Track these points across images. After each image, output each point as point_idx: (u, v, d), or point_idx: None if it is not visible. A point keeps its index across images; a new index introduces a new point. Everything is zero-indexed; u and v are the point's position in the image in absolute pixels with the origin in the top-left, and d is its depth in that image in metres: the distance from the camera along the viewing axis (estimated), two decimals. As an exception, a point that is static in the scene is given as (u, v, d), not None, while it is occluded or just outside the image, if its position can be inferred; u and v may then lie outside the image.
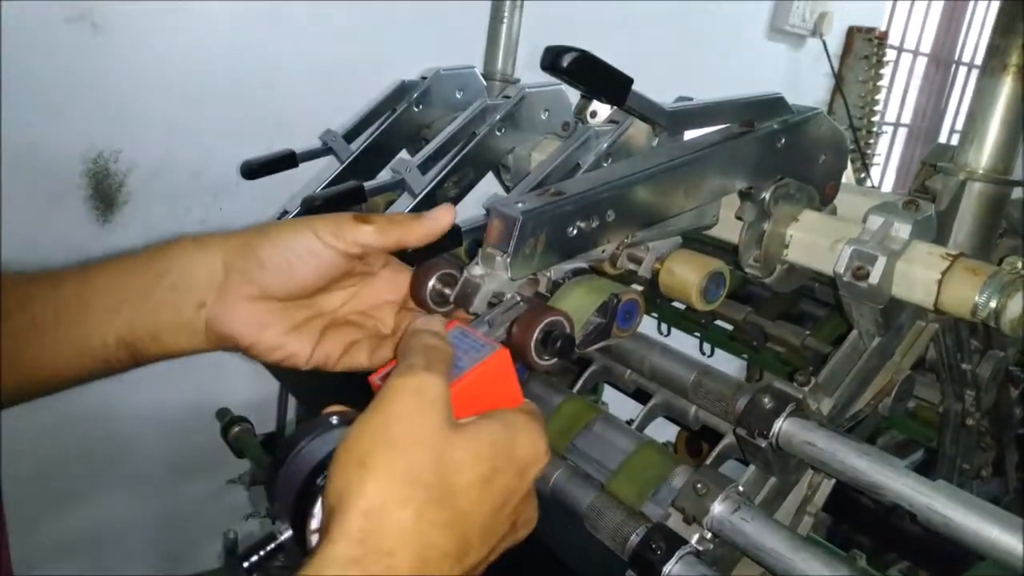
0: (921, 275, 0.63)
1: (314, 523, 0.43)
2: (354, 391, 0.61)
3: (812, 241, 0.73)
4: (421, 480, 0.41)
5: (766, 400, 0.64)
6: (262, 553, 0.45)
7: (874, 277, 0.64)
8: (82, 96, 1.32)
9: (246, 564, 0.45)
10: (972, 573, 0.81)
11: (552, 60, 0.58)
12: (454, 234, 0.75)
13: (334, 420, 0.48)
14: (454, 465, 0.42)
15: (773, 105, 0.72)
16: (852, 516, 1.13)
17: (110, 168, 1.39)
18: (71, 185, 1.38)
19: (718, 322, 1.24)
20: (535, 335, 0.53)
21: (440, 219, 0.58)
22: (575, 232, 0.59)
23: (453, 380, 0.46)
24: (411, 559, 0.39)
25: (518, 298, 0.57)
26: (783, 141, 0.70)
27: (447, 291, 0.58)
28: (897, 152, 3.48)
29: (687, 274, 0.68)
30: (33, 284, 0.55)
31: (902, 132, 3.46)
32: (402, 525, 0.40)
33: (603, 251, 0.64)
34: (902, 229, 0.65)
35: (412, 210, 0.90)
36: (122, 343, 0.55)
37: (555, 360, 0.54)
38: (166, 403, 1.59)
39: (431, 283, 0.59)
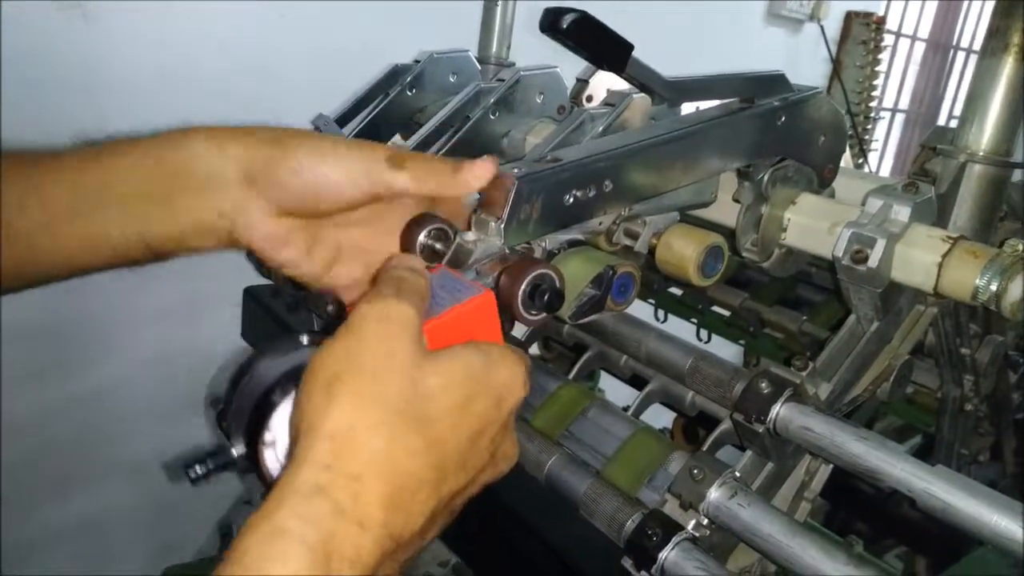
0: (921, 258, 0.62)
1: (268, 436, 0.41)
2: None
3: (810, 224, 0.72)
4: (392, 405, 0.39)
5: (763, 385, 0.64)
6: (210, 465, 0.43)
7: (873, 260, 0.64)
8: (72, 84, 1.31)
9: (193, 475, 0.42)
10: (970, 558, 0.81)
11: (551, 21, 0.57)
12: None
13: (304, 340, 0.45)
14: (427, 391, 0.40)
15: (774, 82, 0.70)
16: (849, 502, 1.13)
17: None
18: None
19: (715, 308, 1.23)
20: (523, 286, 0.51)
21: (480, 175, 0.54)
22: (571, 200, 0.57)
23: (432, 316, 0.44)
24: (382, 485, 0.38)
25: (507, 251, 0.55)
26: (783, 119, 0.69)
27: (438, 246, 0.56)
28: (895, 138, 3.47)
29: (684, 248, 0.66)
30: (49, 171, 0.52)
31: (899, 118, 3.44)
32: (372, 449, 0.38)
33: (600, 223, 0.63)
34: (901, 212, 0.64)
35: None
36: (142, 241, 0.53)
37: (542, 315, 0.52)
38: (160, 390, 1.58)
39: (421, 237, 0.56)
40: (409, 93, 1.01)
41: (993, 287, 0.59)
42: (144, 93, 1.41)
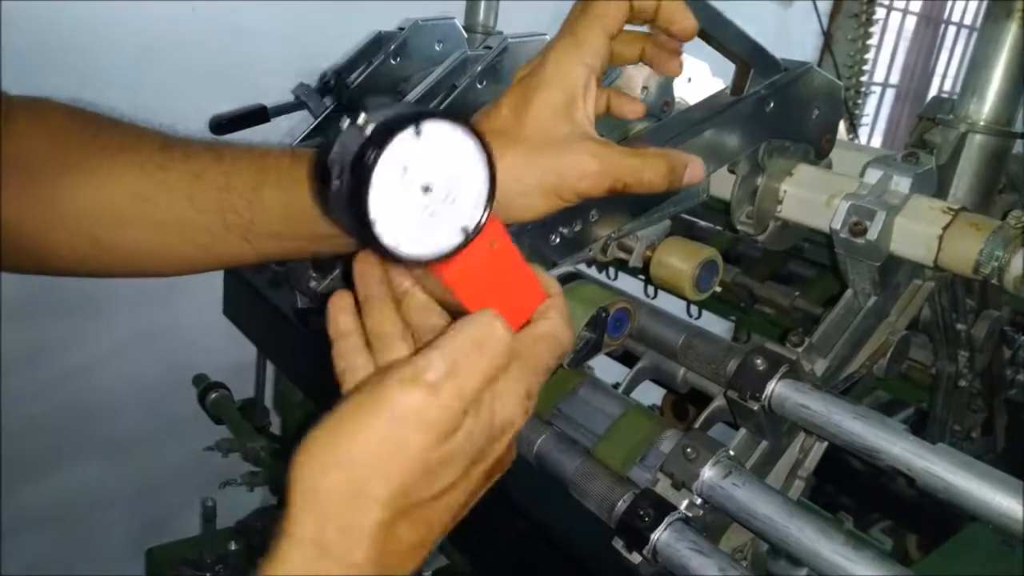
0: (922, 230, 0.60)
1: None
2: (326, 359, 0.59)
3: (807, 196, 0.70)
4: (394, 501, 0.37)
5: (759, 362, 0.62)
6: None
7: (872, 233, 0.62)
8: (42, 49, 1.26)
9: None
10: (963, 535, 0.80)
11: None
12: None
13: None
14: (432, 480, 0.38)
15: (773, 64, 0.68)
16: (837, 477, 1.12)
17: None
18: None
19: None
20: None
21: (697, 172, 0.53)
22: (558, 240, 0.57)
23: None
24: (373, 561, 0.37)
25: None
26: (772, 105, 0.67)
27: None
28: (885, 113, 3.46)
29: (679, 264, 0.65)
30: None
31: (890, 92, 3.42)
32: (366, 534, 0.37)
33: (589, 250, 0.61)
34: (902, 183, 0.62)
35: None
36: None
37: None
38: (143, 369, 1.56)
39: None
40: (393, 62, 0.98)
41: (995, 260, 0.57)
42: (116, 59, 1.36)
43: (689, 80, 1.06)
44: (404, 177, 0.35)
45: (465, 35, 1.04)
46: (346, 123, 0.35)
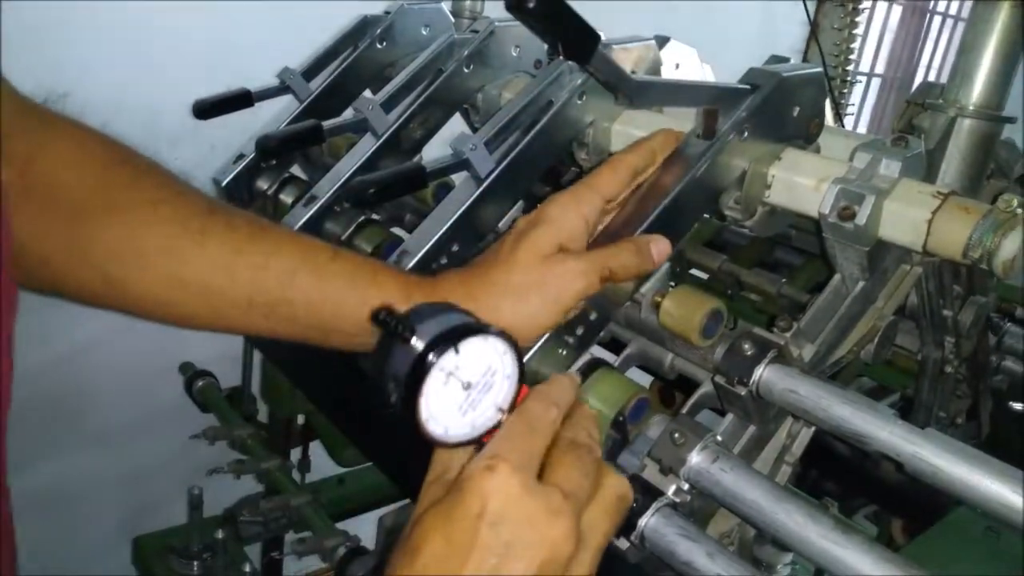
0: (911, 214, 0.60)
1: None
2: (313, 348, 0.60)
3: (795, 181, 0.70)
4: None
5: (746, 347, 0.62)
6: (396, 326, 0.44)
7: (861, 217, 0.62)
8: (25, 34, 1.24)
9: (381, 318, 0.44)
10: (949, 519, 0.80)
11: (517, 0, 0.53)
12: (418, 176, 0.71)
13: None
14: None
15: (740, 93, 0.69)
16: (821, 462, 1.12)
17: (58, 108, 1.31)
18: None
19: (692, 271, 1.21)
20: None
21: (664, 250, 0.62)
22: (564, 352, 0.64)
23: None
24: None
25: None
26: (747, 132, 0.68)
27: None
28: (870, 102, 3.46)
29: (686, 314, 0.66)
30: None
31: (875, 82, 3.43)
32: None
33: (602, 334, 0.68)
34: (891, 166, 0.62)
35: (376, 152, 0.85)
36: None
37: None
38: (129, 357, 1.54)
39: None
40: (379, 46, 0.97)
41: (985, 244, 0.57)
42: (100, 45, 1.34)
43: (677, 66, 1.05)
44: (448, 382, 0.43)
45: (452, 19, 1.03)
46: (398, 343, 0.44)
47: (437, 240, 0.72)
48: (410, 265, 0.71)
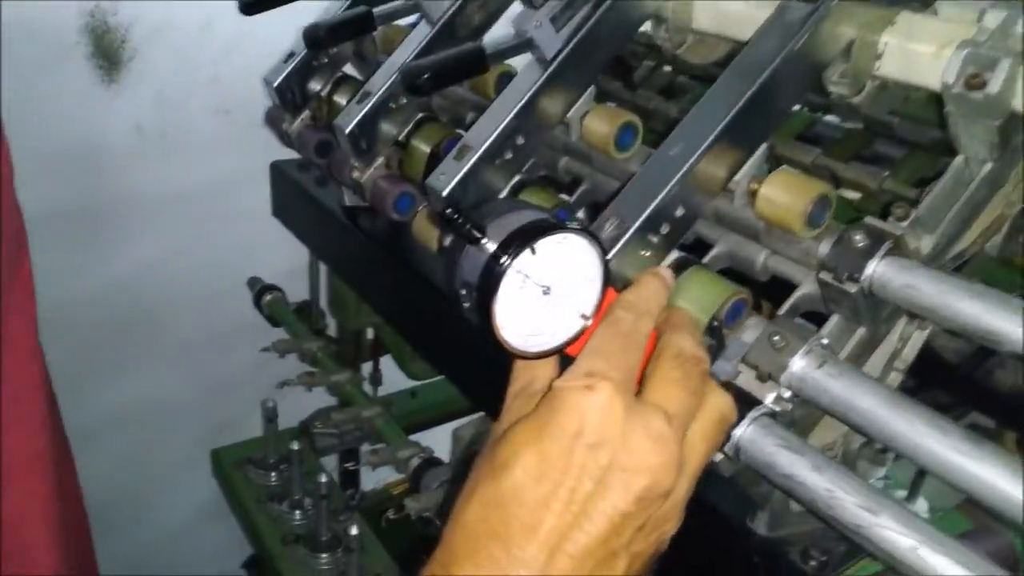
0: (1058, 78, 0.51)
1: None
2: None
3: (912, 48, 0.61)
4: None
5: (858, 238, 0.54)
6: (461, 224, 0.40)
7: (994, 86, 0.53)
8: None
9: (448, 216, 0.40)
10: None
11: None
12: (477, 59, 0.64)
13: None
14: None
15: None
16: (926, 369, 1.04)
17: (109, 22, 1.28)
18: (70, 43, 1.27)
19: (784, 167, 1.11)
20: None
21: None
22: (648, 253, 0.57)
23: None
24: None
25: None
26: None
27: None
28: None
29: (789, 201, 0.58)
30: None
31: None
32: None
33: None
34: (1034, 24, 0.52)
35: (431, 41, 0.78)
36: None
37: None
38: (196, 274, 1.54)
39: None
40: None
41: None
42: None
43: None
44: (525, 286, 0.39)
45: None
46: (468, 247, 0.40)
47: (500, 132, 0.65)
48: (472, 161, 0.65)
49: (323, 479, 1.13)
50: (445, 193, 0.65)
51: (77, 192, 1.39)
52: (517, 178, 0.70)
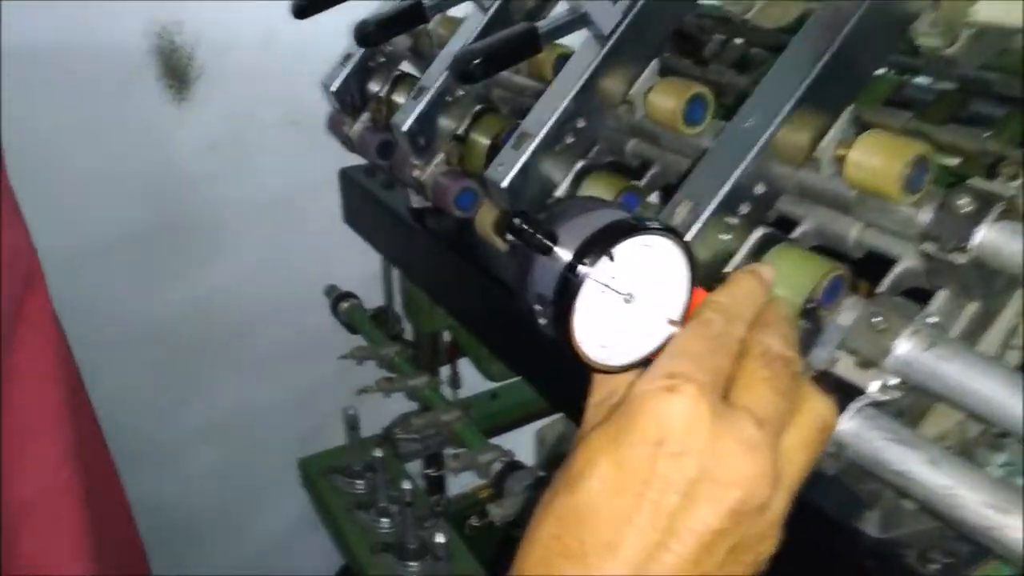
0: None
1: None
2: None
3: (1016, -12, 0.54)
4: None
5: (963, 203, 0.49)
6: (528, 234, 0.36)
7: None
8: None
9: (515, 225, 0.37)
10: None
11: None
12: (529, 39, 0.60)
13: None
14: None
15: None
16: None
17: (176, 41, 1.30)
18: (138, 65, 1.30)
19: (874, 130, 1.04)
20: None
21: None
22: (729, 237, 0.53)
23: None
24: None
25: None
26: None
27: None
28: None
29: (882, 164, 0.52)
30: None
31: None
32: None
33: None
34: None
35: (485, 28, 0.75)
36: None
37: None
38: (274, 287, 1.56)
39: None
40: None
41: None
42: None
43: None
44: (604, 296, 0.36)
45: None
46: (539, 257, 0.37)
47: (559, 115, 0.62)
48: (531, 148, 0.62)
49: (407, 486, 1.12)
50: (505, 184, 0.62)
51: (155, 213, 1.42)
52: (580, 164, 0.66)
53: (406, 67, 0.97)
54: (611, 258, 0.35)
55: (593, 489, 0.33)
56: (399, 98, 0.90)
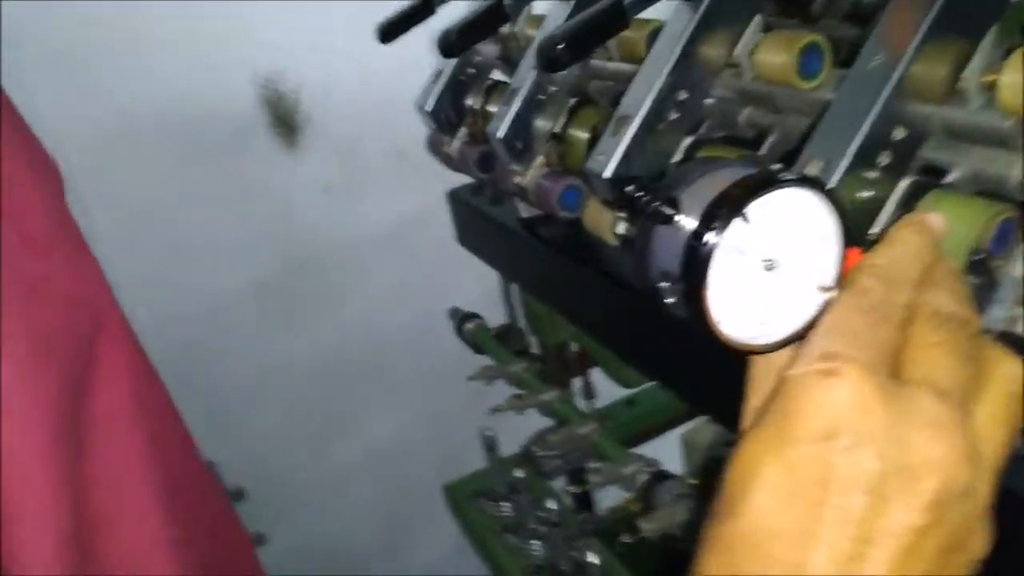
0: None
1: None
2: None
3: None
4: None
5: None
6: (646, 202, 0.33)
7: None
8: (230, 16, 1.26)
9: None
10: None
11: None
12: (615, 14, 0.56)
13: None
14: None
15: None
16: None
17: (280, 89, 1.34)
18: (250, 118, 1.34)
19: None
20: None
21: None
22: (870, 194, 0.47)
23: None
24: None
25: None
26: None
27: None
28: None
29: None
30: None
31: None
32: None
33: None
34: None
35: (570, 16, 0.71)
36: None
37: None
38: (402, 314, 1.58)
39: None
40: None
41: None
42: (300, 11, 1.34)
43: None
44: (741, 264, 0.31)
45: None
46: (659, 228, 0.32)
47: (659, 91, 0.57)
48: (632, 131, 0.57)
49: (553, 506, 1.08)
50: (607, 174, 0.57)
51: (281, 260, 1.47)
52: (689, 140, 0.61)
53: (499, 77, 0.95)
54: (745, 219, 0.31)
55: (761, 506, 0.28)
56: (494, 107, 0.88)
